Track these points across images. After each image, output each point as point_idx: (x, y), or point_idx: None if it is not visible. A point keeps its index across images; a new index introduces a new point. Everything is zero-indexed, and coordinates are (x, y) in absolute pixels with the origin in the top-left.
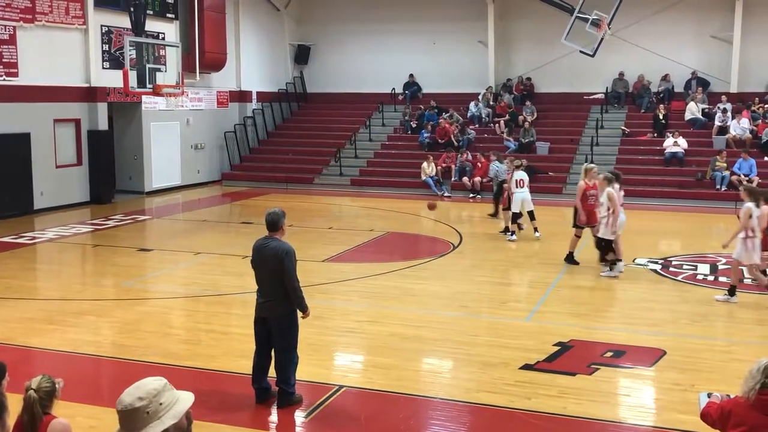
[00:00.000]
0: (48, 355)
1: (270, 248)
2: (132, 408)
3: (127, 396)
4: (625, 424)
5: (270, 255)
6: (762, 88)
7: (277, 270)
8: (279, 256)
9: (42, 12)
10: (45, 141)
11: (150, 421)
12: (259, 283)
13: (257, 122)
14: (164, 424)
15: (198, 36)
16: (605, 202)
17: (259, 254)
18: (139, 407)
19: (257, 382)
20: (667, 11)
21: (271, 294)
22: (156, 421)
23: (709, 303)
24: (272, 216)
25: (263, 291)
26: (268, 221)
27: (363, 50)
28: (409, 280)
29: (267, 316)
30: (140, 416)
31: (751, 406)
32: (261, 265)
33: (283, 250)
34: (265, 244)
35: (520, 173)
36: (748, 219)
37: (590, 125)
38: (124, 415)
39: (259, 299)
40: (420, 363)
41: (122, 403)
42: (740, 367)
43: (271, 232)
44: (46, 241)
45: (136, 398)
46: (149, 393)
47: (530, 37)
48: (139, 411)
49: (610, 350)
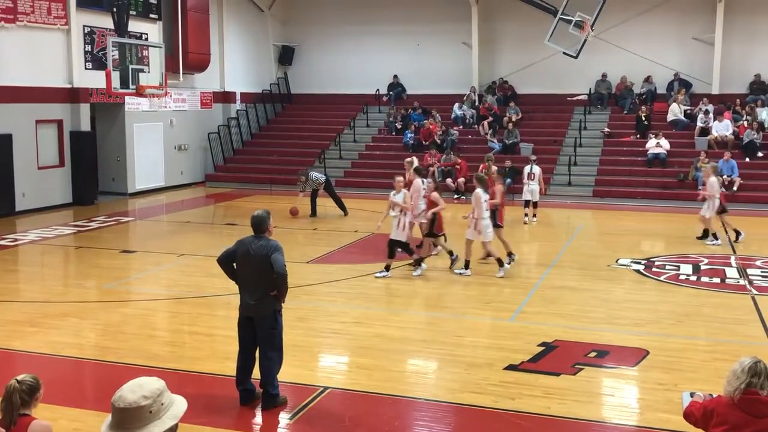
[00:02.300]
0: (30, 358)
1: (259, 246)
2: (136, 406)
3: (131, 394)
4: (609, 424)
5: (260, 253)
6: (744, 89)
7: (266, 268)
8: (269, 252)
9: (23, 12)
10: (27, 142)
11: (152, 421)
12: (245, 283)
13: (241, 123)
14: (165, 424)
15: (181, 36)
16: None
17: (247, 252)
18: (144, 406)
19: (242, 384)
20: (650, 13)
21: (259, 293)
22: (157, 420)
23: (693, 303)
24: (258, 218)
25: (250, 290)
26: (255, 223)
27: (347, 51)
28: (394, 281)
29: (254, 315)
30: (143, 415)
31: (734, 405)
32: (250, 264)
33: (273, 246)
34: (253, 242)
35: (534, 167)
36: (479, 202)
37: (573, 126)
38: (126, 414)
39: (247, 299)
40: (405, 364)
41: (125, 401)
42: (723, 366)
43: (258, 233)
44: (28, 242)
45: (140, 396)
46: (153, 392)
47: (514, 38)
48: (143, 410)
49: (594, 350)
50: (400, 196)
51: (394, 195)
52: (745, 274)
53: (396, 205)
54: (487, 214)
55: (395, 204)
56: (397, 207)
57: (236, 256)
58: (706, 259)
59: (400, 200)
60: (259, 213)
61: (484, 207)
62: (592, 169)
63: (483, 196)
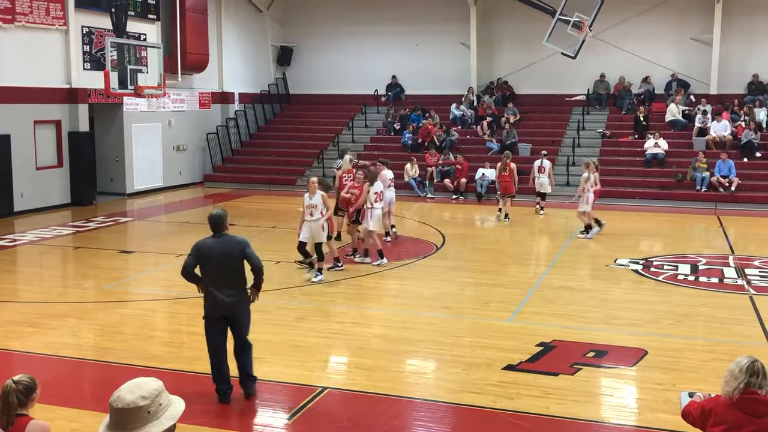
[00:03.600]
0: (28, 358)
1: (231, 242)
2: (135, 407)
3: (129, 394)
4: (608, 424)
5: (232, 249)
6: (741, 89)
7: (240, 264)
8: (241, 247)
9: (22, 12)
10: (25, 143)
11: (150, 421)
12: (219, 283)
13: (239, 124)
14: (163, 424)
15: (180, 37)
16: (319, 204)
17: (218, 252)
18: (142, 406)
19: (223, 381)
20: (648, 14)
21: (236, 288)
22: (155, 421)
23: (691, 303)
24: (218, 217)
25: (226, 288)
26: (215, 222)
27: (346, 52)
28: (392, 281)
29: (232, 312)
30: (142, 415)
31: (733, 405)
32: (223, 263)
33: (242, 240)
34: (221, 242)
35: (545, 161)
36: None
37: (572, 127)
38: (124, 414)
39: (223, 298)
40: (403, 364)
41: (123, 401)
42: (721, 366)
43: (217, 232)
44: (26, 243)
45: (138, 397)
46: (151, 393)
47: (512, 39)
48: (141, 410)
49: (592, 350)
50: (318, 198)
51: (311, 198)
52: (744, 274)
53: (313, 208)
54: (379, 204)
55: (312, 207)
56: (315, 210)
57: (200, 261)
58: (704, 259)
59: (318, 202)
60: (217, 212)
61: (372, 198)
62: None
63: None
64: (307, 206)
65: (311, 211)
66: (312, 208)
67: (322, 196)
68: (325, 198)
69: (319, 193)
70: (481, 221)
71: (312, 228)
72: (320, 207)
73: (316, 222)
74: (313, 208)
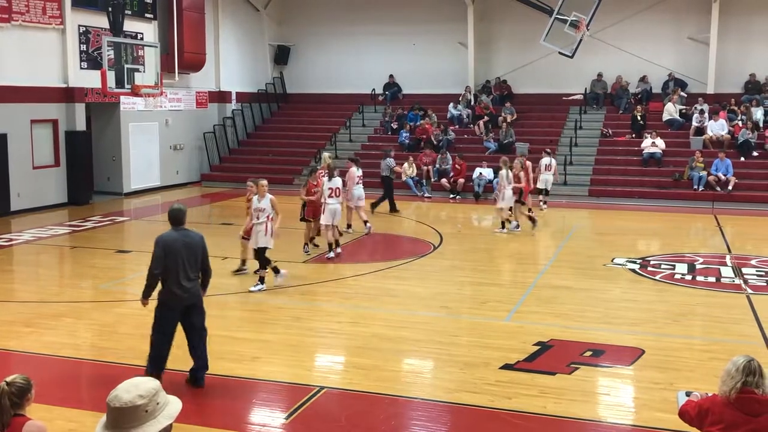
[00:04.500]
0: (25, 358)
1: (194, 237)
2: (132, 405)
3: (126, 393)
4: (605, 423)
5: (196, 242)
6: (738, 89)
7: (200, 255)
8: (202, 242)
9: (18, 12)
10: (22, 142)
11: (147, 420)
12: (181, 275)
13: (237, 123)
14: (160, 423)
15: (177, 36)
16: (267, 207)
17: (183, 245)
18: (140, 405)
19: (161, 370)
20: (645, 13)
21: (195, 280)
22: (152, 420)
23: (688, 303)
24: (180, 211)
25: (187, 280)
26: (177, 216)
27: (343, 51)
28: (389, 280)
29: (193, 302)
30: (139, 414)
31: (730, 404)
32: (188, 255)
33: (202, 237)
34: (184, 235)
35: (549, 158)
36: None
37: (569, 126)
38: (122, 413)
39: (185, 288)
40: (401, 363)
41: (120, 400)
42: (718, 365)
43: (178, 225)
44: (23, 242)
45: (136, 396)
46: (149, 392)
47: (510, 38)
48: (139, 409)
49: (589, 349)
50: (266, 201)
51: (259, 201)
52: (741, 273)
53: (260, 212)
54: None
55: (260, 210)
56: (263, 213)
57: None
58: (701, 259)
59: (267, 206)
60: (177, 206)
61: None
62: (587, 169)
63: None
64: (255, 209)
65: (258, 215)
66: (259, 212)
67: (271, 200)
68: (274, 202)
69: (269, 196)
70: (478, 221)
71: (257, 232)
72: (268, 211)
73: (261, 226)
74: (260, 212)
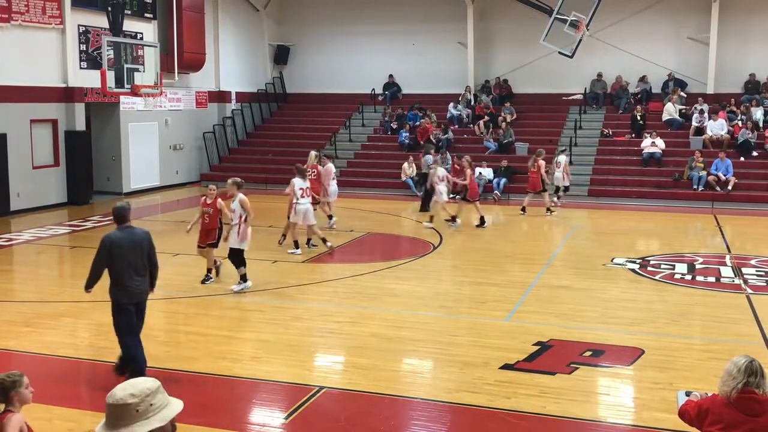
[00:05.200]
0: (25, 358)
1: (139, 233)
2: (123, 403)
3: (120, 391)
4: (605, 423)
5: (143, 239)
6: (738, 89)
7: (146, 251)
8: (149, 238)
9: (18, 11)
10: (21, 142)
11: (137, 420)
12: (131, 272)
13: (236, 123)
14: (150, 424)
15: (176, 36)
16: (237, 209)
17: (129, 242)
18: (130, 404)
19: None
20: (645, 13)
21: (143, 277)
22: (143, 420)
23: (688, 303)
24: (124, 209)
25: (137, 277)
26: (121, 214)
27: (343, 51)
28: (389, 280)
29: (142, 299)
30: (129, 413)
31: (730, 405)
32: (133, 252)
33: (147, 232)
34: (130, 233)
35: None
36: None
37: (569, 126)
38: (113, 409)
39: (137, 286)
40: (400, 363)
41: (113, 396)
42: (718, 365)
43: (123, 224)
44: (22, 242)
45: (128, 394)
46: (142, 392)
47: (509, 38)
48: (129, 407)
49: (589, 349)
50: (236, 203)
51: (232, 202)
52: (740, 273)
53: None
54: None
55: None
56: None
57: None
58: (701, 258)
59: (237, 207)
60: (122, 204)
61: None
62: (587, 169)
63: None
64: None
65: (232, 217)
66: (233, 213)
67: (241, 200)
68: (244, 202)
69: (239, 197)
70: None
71: (231, 234)
72: (238, 211)
73: (233, 227)
74: (233, 213)
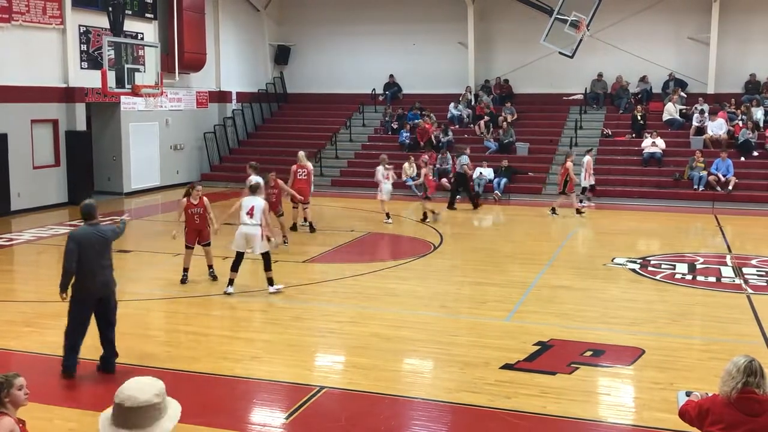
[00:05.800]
0: (25, 357)
1: (104, 230)
2: (149, 404)
3: (141, 393)
4: (605, 423)
5: (108, 235)
6: (738, 89)
7: (110, 247)
8: (114, 234)
9: (19, 12)
10: (22, 142)
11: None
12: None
13: (237, 123)
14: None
15: (177, 36)
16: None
17: (96, 239)
18: (155, 404)
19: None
20: (645, 13)
21: (109, 272)
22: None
23: (688, 303)
24: (92, 206)
25: (103, 272)
26: (89, 212)
27: (343, 51)
28: (389, 280)
29: (107, 294)
30: (155, 413)
31: (730, 404)
32: (100, 248)
33: (114, 229)
34: (96, 229)
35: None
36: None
37: (569, 126)
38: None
39: (101, 281)
40: (401, 363)
41: (137, 400)
42: (718, 365)
43: (91, 220)
44: (23, 242)
45: (153, 395)
46: (161, 390)
47: (510, 38)
48: (155, 407)
49: (589, 349)
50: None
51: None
52: (741, 273)
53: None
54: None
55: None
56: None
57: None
58: (701, 258)
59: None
60: (89, 202)
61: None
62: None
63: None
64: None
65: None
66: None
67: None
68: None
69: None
70: (478, 221)
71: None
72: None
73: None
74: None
